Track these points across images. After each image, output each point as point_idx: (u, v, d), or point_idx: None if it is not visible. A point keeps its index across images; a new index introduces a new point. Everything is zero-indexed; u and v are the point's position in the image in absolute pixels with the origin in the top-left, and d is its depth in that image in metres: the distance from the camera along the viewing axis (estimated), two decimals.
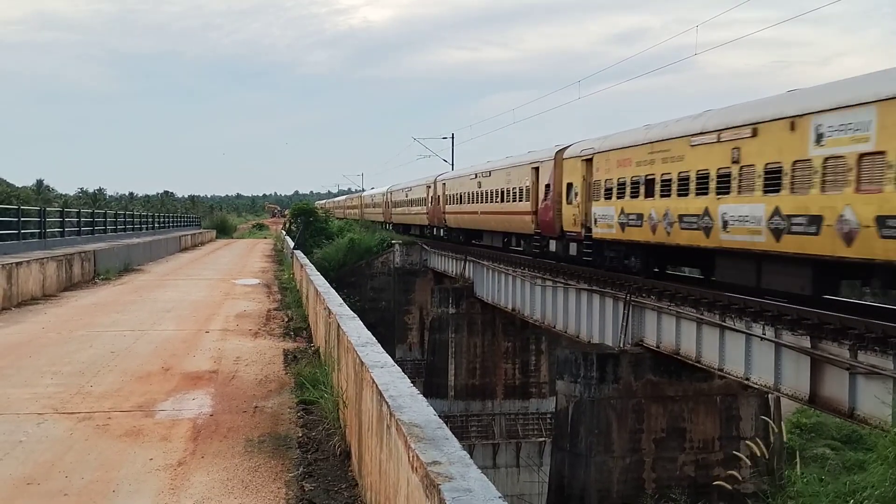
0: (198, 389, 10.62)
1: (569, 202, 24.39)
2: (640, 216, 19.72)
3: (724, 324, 16.96)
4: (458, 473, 3.76)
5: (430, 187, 45.24)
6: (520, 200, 28.85)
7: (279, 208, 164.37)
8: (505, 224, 31.77)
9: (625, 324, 20.72)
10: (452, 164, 62.18)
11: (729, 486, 15.17)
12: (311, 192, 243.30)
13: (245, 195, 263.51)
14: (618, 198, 21.01)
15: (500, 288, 32.04)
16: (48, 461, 7.48)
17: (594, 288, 22.84)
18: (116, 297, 21.68)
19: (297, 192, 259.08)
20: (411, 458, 4.21)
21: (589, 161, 23.22)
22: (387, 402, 5.18)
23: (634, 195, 20.06)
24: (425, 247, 47.87)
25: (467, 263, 37.10)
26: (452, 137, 65.94)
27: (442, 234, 44.15)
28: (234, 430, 8.59)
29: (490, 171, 33.46)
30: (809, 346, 14.30)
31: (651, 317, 20.12)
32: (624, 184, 20.69)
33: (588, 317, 23.44)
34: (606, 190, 21.74)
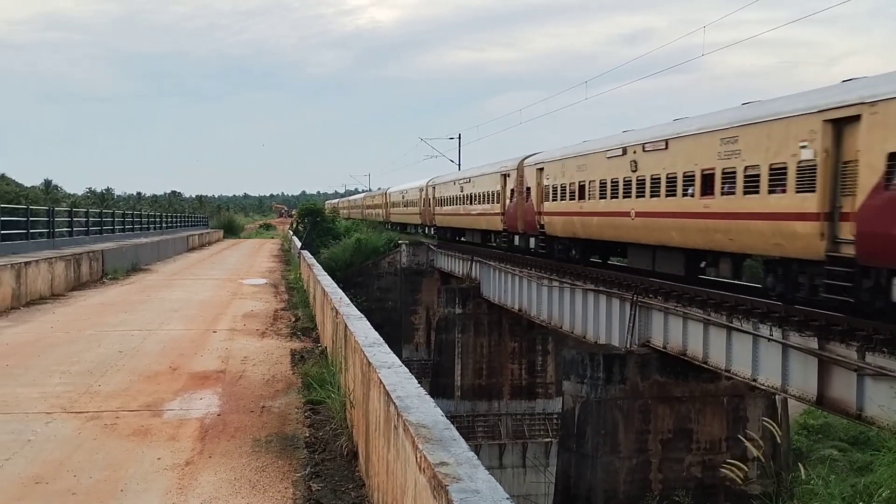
0: (205, 389, 10.66)
1: None
2: None
3: (731, 325, 16.92)
4: (465, 474, 3.76)
5: (506, 176, 32.14)
6: (775, 190, 15.04)
7: (286, 208, 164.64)
8: (717, 237, 17.09)
9: (631, 324, 20.68)
10: (459, 165, 62.23)
11: (742, 473, 14.56)
12: (318, 192, 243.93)
13: (252, 195, 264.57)
14: None
15: (507, 288, 32.02)
16: (56, 460, 7.52)
17: (601, 289, 22.79)
18: (124, 297, 21.75)
19: (304, 193, 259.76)
20: (419, 459, 4.21)
21: None
22: (394, 403, 5.19)
23: None
24: (432, 247, 47.86)
25: (474, 264, 37.08)
26: (459, 138, 66.00)
27: (533, 247, 29.74)
28: (242, 430, 8.61)
29: (677, 136, 18.78)
30: (817, 347, 14.26)
31: (658, 317, 20.08)
32: None
33: (595, 317, 23.40)
34: None
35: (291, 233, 64.66)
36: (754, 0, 23.85)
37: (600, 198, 22.49)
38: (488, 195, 34.63)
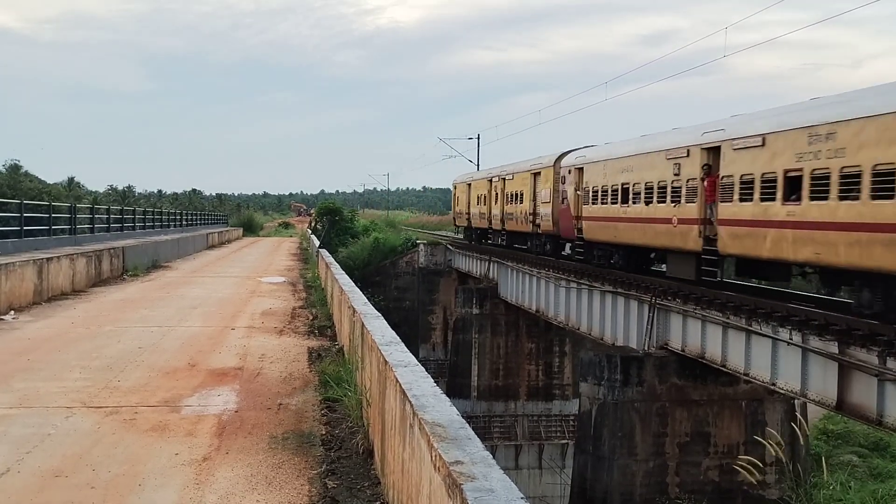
0: (223, 386, 10.72)
1: None
2: None
3: (750, 328, 16.80)
4: (480, 473, 3.76)
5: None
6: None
7: (305, 207, 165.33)
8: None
9: (650, 326, 20.59)
10: (478, 165, 62.27)
11: (757, 474, 13.89)
12: (337, 191, 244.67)
13: (272, 194, 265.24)
14: None
15: (525, 289, 31.96)
16: (76, 454, 7.59)
17: (619, 290, 22.69)
18: (144, 294, 21.92)
19: (322, 191, 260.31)
20: (434, 458, 4.21)
21: None
22: (410, 402, 5.20)
23: None
24: (449, 247, 47.88)
25: (492, 264, 37.05)
26: (478, 138, 66.24)
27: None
28: (259, 427, 8.66)
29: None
30: (837, 351, 14.13)
31: (676, 320, 19.97)
32: None
33: (613, 319, 23.32)
34: None
35: (310, 231, 64.94)
36: (778, 1, 23.66)
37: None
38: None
